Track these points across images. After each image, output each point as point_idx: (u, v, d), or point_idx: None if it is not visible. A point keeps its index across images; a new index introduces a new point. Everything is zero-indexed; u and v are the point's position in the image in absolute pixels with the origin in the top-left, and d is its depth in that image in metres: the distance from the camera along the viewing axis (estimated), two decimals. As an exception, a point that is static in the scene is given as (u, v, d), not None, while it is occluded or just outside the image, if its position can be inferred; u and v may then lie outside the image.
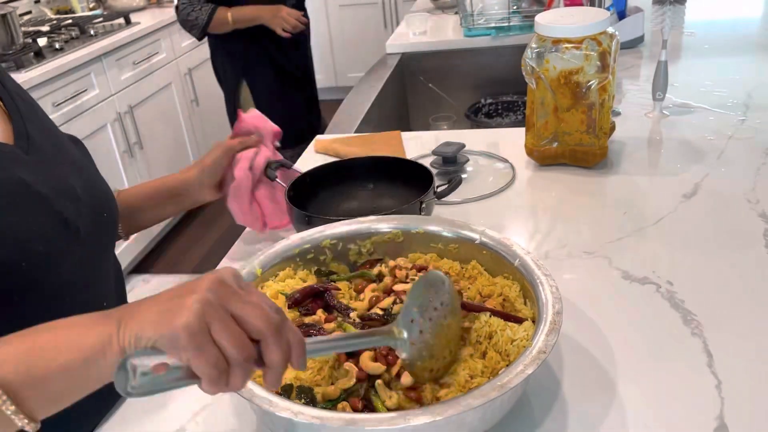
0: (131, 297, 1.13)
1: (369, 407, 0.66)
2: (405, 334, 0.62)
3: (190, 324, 0.50)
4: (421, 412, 0.58)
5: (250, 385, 0.63)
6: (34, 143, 0.78)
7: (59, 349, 0.54)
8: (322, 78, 5.04)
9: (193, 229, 3.45)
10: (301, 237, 0.89)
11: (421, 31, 2.39)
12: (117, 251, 0.96)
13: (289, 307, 0.79)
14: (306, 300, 0.80)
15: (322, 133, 1.66)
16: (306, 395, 0.67)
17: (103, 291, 0.87)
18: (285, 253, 0.87)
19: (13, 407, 0.53)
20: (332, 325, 0.74)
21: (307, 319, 0.77)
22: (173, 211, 1.07)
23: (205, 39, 2.55)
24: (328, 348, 0.60)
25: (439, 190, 1.09)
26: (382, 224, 0.91)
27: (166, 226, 3.32)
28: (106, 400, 0.82)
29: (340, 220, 0.95)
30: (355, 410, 0.65)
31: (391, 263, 0.87)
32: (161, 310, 0.53)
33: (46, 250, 0.72)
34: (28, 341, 0.55)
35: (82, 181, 0.82)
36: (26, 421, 0.53)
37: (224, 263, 1.10)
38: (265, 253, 0.86)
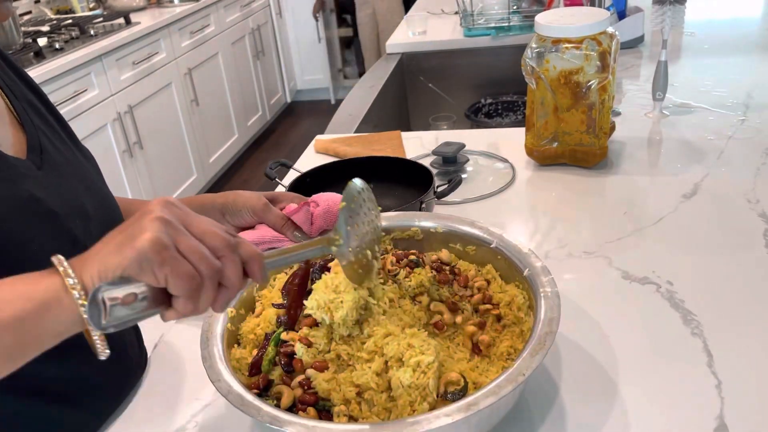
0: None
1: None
2: (342, 241, 0.67)
3: (157, 239, 0.50)
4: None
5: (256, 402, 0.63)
6: (47, 157, 0.75)
7: (7, 300, 0.51)
8: (321, 78, 5.06)
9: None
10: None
11: (421, 31, 2.39)
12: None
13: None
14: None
15: None
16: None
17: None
18: None
19: None
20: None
21: None
22: None
23: None
24: (284, 260, 0.63)
25: (439, 190, 1.09)
26: (407, 221, 0.91)
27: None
28: (109, 402, 0.82)
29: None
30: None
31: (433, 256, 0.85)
32: (118, 241, 0.52)
33: None
34: (7, 308, 0.52)
35: (93, 199, 0.79)
36: None
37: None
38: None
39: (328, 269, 0.77)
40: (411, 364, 0.65)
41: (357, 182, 0.71)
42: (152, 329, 0.95)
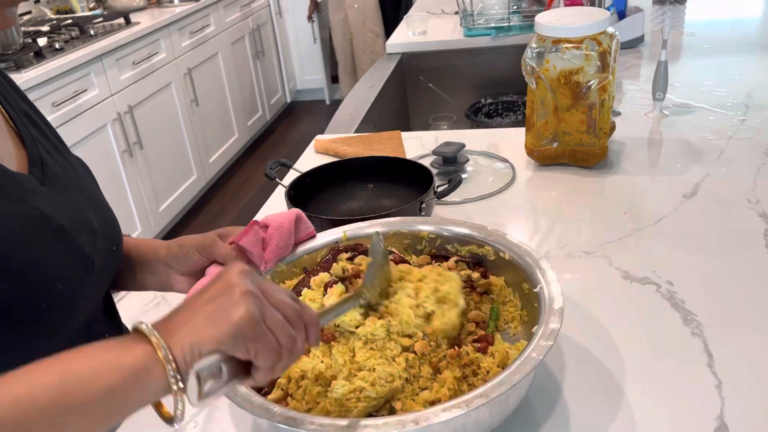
0: (131, 296, 1.13)
1: None
2: (369, 294, 0.74)
3: (251, 314, 0.51)
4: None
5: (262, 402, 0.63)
6: (48, 171, 0.73)
7: (97, 371, 0.50)
8: (321, 78, 5.05)
9: (192, 230, 3.45)
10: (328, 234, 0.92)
11: (421, 31, 2.39)
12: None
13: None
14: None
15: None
16: None
17: (98, 323, 0.81)
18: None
19: None
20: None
21: None
22: (141, 281, 0.86)
23: None
24: (327, 319, 0.68)
25: (439, 190, 1.09)
26: (420, 225, 0.91)
27: (165, 226, 3.32)
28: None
29: (339, 220, 0.95)
30: None
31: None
32: (208, 313, 0.53)
33: (65, 288, 0.67)
34: (59, 367, 0.51)
35: (96, 212, 0.77)
36: None
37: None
38: (293, 253, 0.88)
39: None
40: (354, 384, 0.67)
41: (376, 239, 0.78)
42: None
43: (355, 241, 0.89)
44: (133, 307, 1.11)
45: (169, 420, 0.53)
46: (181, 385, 0.51)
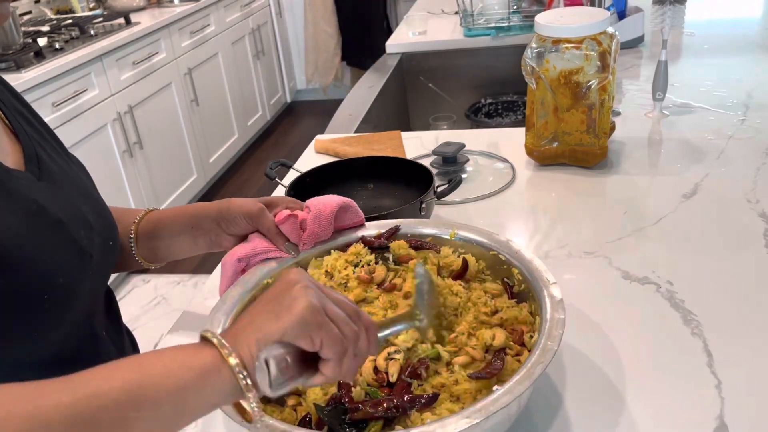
0: (131, 296, 1.13)
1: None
2: (423, 316, 0.71)
3: (313, 305, 0.53)
4: None
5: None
6: (44, 167, 0.74)
7: (169, 369, 0.51)
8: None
9: (193, 229, 3.44)
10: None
11: (421, 31, 2.39)
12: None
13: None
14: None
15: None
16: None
17: (97, 323, 0.81)
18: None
19: None
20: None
21: None
22: (189, 245, 0.88)
23: None
24: (385, 330, 0.66)
25: (439, 190, 1.09)
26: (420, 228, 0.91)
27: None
28: None
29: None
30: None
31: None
32: (269, 311, 0.54)
33: (65, 281, 0.68)
34: (133, 365, 0.52)
35: (91, 208, 0.78)
36: None
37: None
38: (334, 239, 0.89)
39: None
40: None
41: (420, 267, 0.76)
42: (152, 329, 0.95)
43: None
44: (133, 307, 1.11)
45: (249, 420, 0.55)
46: (248, 381, 0.52)
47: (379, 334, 0.64)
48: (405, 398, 0.65)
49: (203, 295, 1.04)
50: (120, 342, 0.86)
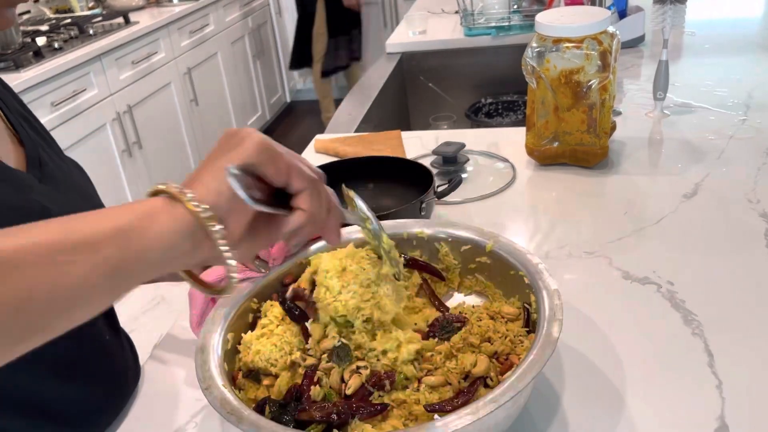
0: (131, 296, 1.12)
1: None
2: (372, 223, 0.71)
3: (265, 138, 0.49)
4: None
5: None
6: (46, 170, 0.73)
7: (107, 215, 0.47)
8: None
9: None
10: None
11: (421, 31, 2.38)
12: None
13: None
14: None
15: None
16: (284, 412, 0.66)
17: (99, 324, 0.81)
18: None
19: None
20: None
21: None
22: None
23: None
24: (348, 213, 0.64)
25: (439, 190, 1.09)
26: (417, 228, 0.89)
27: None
28: (110, 404, 0.82)
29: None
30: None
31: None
32: (225, 150, 0.50)
33: None
34: (71, 216, 0.47)
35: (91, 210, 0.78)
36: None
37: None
38: (305, 250, 0.86)
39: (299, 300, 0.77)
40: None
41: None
42: (150, 330, 0.95)
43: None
44: (133, 307, 1.11)
45: (211, 289, 0.51)
46: (210, 213, 0.47)
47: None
48: (352, 406, 0.64)
49: (202, 295, 1.03)
50: (118, 342, 0.86)
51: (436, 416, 0.61)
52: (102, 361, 0.81)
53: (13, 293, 0.41)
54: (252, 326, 0.77)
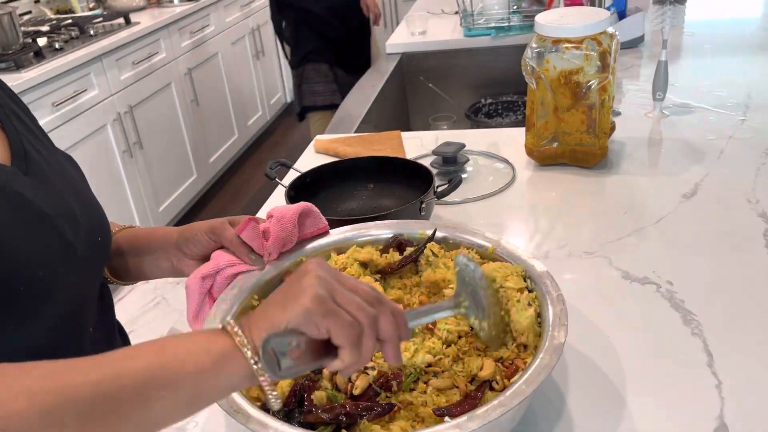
0: (131, 295, 1.12)
1: None
2: (468, 304, 0.67)
3: (318, 294, 0.55)
4: None
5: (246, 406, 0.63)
6: (32, 163, 0.73)
7: (190, 352, 0.54)
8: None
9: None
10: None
11: (421, 31, 2.39)
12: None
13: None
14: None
15: None
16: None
17: (87, 317, 0.80)
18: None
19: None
20: None
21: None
22: (152, 267, 0.89)
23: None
24: (423, 317, 0.65)
25: (439, 190, 1.09)
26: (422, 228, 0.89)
27: (167, 223, 3.32)
28: None
29: (339, 220, 0.95)
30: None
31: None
32: (281, 301, 0.57)
33: (45, 274, 0.68)
34: (155, 347, 0.55)
35: (79, 204, 0.77)
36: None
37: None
38: (301, 248, 0.87)
39: None
40: None
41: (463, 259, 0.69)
42: (150, 330, 0.95)
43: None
44: (133, 307, 1.11)
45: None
46: (259, 366, 0.54)
47: (417, 320, 0.63)
48: (359, 407, 0.64)
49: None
50: (111, 339, 0.86)
51: (446, 419, 0.62)
52: (90, 354, 0.81)
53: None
54: None
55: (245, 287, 0.80)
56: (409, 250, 0.85)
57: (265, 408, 0.65)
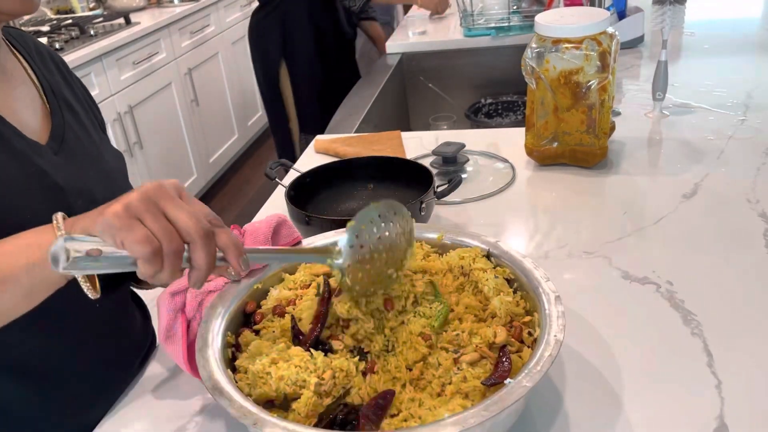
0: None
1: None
2: (341, 260, 0.69)
3: (119, 210, 0.57)
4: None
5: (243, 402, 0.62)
6: (66, 146, 0.81)
7: (20, 247, 0.61)
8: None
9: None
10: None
11: (421, 31, 2.39)
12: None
13: None
14: None
15: None
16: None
17: (104, 303, 0.80)
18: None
19: None
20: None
21: None
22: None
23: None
24: (268, 257, 0.67)
25: (439, 190, 1.09)
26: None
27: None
28: (105, 397, 0.83)
29: (339, 220, 0.95)
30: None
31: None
32: (100, 209, 0.60)
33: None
34: (21, 257, 0.60)
35: (106, 189, 0.82)
36: None
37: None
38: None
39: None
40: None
41: (373, 208, 0.74)
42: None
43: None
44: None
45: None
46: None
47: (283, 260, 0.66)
48: (369, 411, 0.65)
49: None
50: (123, 300, 0.93)
51: (507, 380, 0.64)
52: (96, 313, 0.84)
53: None
54: (245, 324, 0.78)
55: (240, 292, 0.79)
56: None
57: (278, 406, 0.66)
